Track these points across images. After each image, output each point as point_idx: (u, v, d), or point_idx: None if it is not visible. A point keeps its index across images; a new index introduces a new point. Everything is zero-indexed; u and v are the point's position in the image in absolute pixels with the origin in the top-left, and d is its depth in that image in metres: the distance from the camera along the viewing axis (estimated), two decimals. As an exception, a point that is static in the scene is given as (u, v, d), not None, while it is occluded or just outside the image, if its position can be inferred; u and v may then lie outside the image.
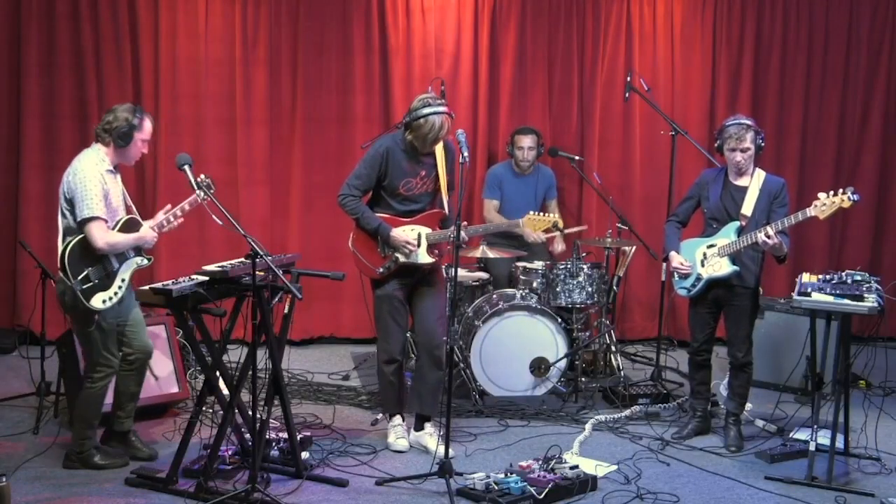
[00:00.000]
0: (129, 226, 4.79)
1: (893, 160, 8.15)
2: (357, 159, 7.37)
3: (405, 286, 5.22)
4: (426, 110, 4.96)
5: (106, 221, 4.65)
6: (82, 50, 7.06)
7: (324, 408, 5.91)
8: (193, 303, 4.47)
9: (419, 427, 5.29)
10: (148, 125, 4.82)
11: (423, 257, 5.15)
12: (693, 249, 5.45)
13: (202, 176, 4.82)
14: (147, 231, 4.80)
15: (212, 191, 4.70)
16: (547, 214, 5.23)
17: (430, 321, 5.20)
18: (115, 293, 4.71)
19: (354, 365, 7.01)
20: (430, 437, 5.24)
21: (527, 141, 6.99)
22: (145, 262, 4.88)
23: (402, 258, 5.12)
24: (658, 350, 6.60)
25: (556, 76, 7.73)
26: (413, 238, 5.11)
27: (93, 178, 4.64)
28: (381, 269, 5.16)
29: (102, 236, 4.62)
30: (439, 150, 5.16)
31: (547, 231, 5.88)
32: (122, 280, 4.76)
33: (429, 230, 5.16)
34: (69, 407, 5.50)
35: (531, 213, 5.27)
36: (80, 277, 4.60)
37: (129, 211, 4.90)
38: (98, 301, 4.65)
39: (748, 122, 5.31)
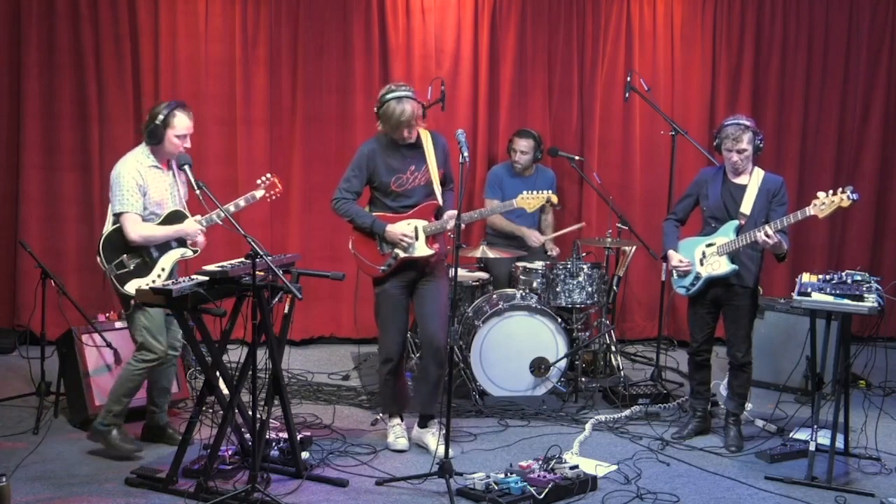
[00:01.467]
0: (172, 218, 4.97)
1: (893, 160, 8.16)
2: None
3: (405, 283, 5.19)
4: (389, 95, 4.99)
5: (140, 216, 4.85)
6: (82, 50, 7.06)
7: (324, 408, 5.91)
8: (193, 303, 4.47)
9: (422, 425, 5.29)
10: (181, 121, 4.94)
11: (423, 249, 5.13)
12: (692, 248, 5.45)
13: (267, 175, 5.15)
14: (190, 224, 4.97)
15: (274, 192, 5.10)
16: (540, 192, 5.18)
17: (431, 319, 5.17)
18: (153, 282, 4.83)
19: (354, 365, 7.01)
20: (431, 435, 5.23)
21: (522, 144, 7.00)
22: (189, 253, 5.04)
23: (401, 253, 5.10)
24: (658, 350, 6.60)
25: (556, 76, 7.73)
26: (409, 231, 5.10)
27: (127, 175, 4.86)
28: (383, 267, 5.13)
29: (134, 229, 4.84)
30: (427, 142, 5.15)
31: (543, 210, 5.77)
32: (162, 269, 4.91)
33: (425, 222, 5.14)
34: (69, 407, 5.51)
35: (524, 192, 5.21)
36: (114, 263, 4.79)
37: (179, 204, 5.08)
38: (132, 288, 4.80)
39: (746, 123, 5.30)
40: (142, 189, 4.87)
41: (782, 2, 7.88)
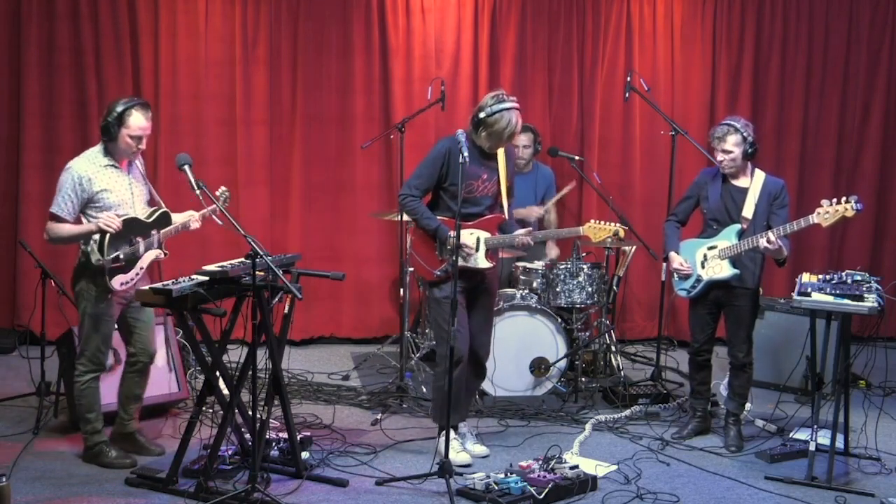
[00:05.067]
0: (162, 220, 4.92)
1: (893, 160, 8.16)
2: (357, 159, 7.46)
3: (464, 290, 5.05)
4: (501, 105, 4.89)
5: (60, 219, 4.74)
6: (82, 50, 7.06)
7: (324, 408, 5.91)
8: (193, 303, 4.47)
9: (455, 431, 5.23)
10: (136, 120, 4.76)
11: (482, 261, 5.06)
12: (693, 250, 5.44)
13: (222, 188, 4.97)
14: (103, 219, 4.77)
15: (225, 203, 4.86)
16: (608, 223, 5.16)
17: (479, 333, 5.14)
18: (132, 279, 4.81)
19: (354, 365, 7.01)
20: (470, 436, 5.23)
21: (522, 139, 6.97)
22: (162, 255, 4.96)
23: (459, 261, 4.93)
24: (658, 350, 6.60)
25: (556, 76, 7.73)
26: (472, 242, 5.02)
27: (70, 179, 4.74)
28: (438, 272, 5.05)
29: (49, 229, 4.77)
30: (500, 154, 5.10)
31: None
32: (141, 268, 4.85)
33: (488, 234, 5.07)
34: (69, 407, 5.51)
35: (592, 221, 5.21)
36: (112, 256, 4.71)
37: (155, 204, 5.01)
38: (117, 283, 4.75)
39: (735, 125, 5.26)
40: (84, 193, 4.72)
41: (782, 2, 7.88)
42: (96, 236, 4.71)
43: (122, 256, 4.75)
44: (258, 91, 7.34)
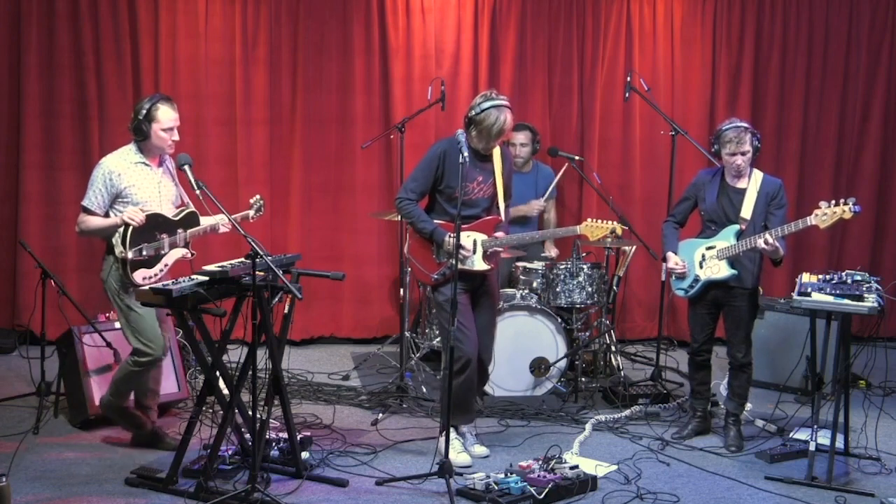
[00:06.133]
0: (189, 220, 5.01)
1: (893, 160, 8.16)
2: (357, 160, 7.47)
3: (465, 292, 5.06)
4: (489, 103, 4.91)
5: (91, 212, 4.87)
6: (82, 50, 7.06)
7: (324, 408, 5.91)
8: (193, 303, 4.47)
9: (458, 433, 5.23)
10: (165, 114, 4.89)
11: (479, 263, 5.05)
12: (692, 250, 5.44)
13: (256, 196, 5.21)
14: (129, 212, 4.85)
15: (259, 213, 5.14)
16: (605, 221, 5.17)
17: (482, 335, 5.14)
18: (156, 274, 4.87)
19: (354, 365, 7.01)
20: (470, 435, 5.23)
21: (520, 137, 6.98)
22: (189, 255, 5.05)
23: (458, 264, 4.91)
24: (658, 350, 6.60)
25: (556, 76, 7.73)
26: (468, 244, 5.01)
27: (102, 173, 4.87)
28: (436, 276, 5.05)
29: (80, 221, 4.91)
30: (497, 156, 5.09)
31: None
32: (165, 265, 4.92)
33: (484, 236, 5.06)
34: (69, 407, 5.51)
35: (589, 220, 5.21)
36: (136, 249, 4.80)
37: (183, 205, 5.11)
38: (139, 277, 4.82)
39: (744, 125, 5.29)
40: (114, 188, 4.85)
41: (782, 2, 7.88)
42: (121, 229, 4.81)
43: (144, 251, 4.81)
44: (258, 91, 7.34)
